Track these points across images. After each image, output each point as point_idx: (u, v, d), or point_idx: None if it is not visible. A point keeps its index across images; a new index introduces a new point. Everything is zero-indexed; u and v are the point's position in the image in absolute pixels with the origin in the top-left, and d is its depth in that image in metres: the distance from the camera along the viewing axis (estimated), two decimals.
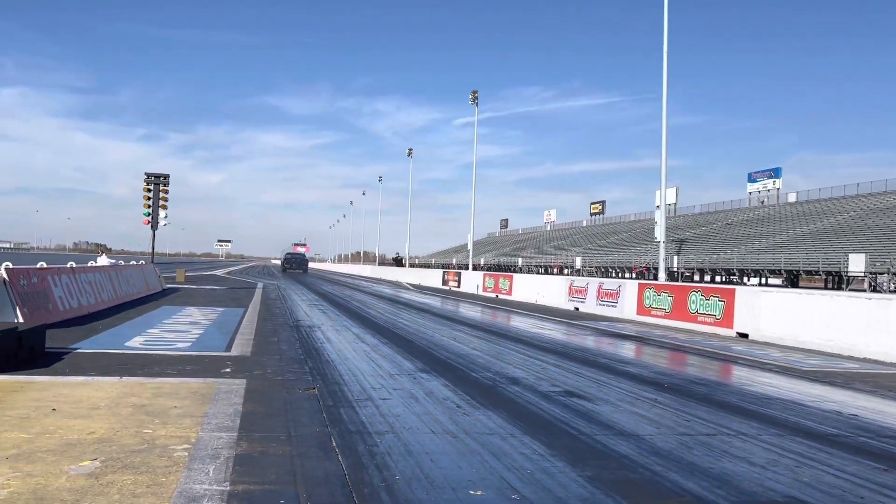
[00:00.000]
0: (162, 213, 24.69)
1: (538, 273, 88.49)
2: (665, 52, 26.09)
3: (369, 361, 9.02)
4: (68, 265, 14.14)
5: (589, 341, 13.21)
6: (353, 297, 25.69)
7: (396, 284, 44.74)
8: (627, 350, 12.23)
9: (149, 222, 24.94)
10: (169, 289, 23.90)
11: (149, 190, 24.78)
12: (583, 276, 75.02)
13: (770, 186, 77.97)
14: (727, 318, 15.69)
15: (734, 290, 15.76)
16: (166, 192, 24.92)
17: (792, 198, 75.44)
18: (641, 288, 19.34)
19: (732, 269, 54.62)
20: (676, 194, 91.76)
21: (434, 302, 24.93)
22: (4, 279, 10.27)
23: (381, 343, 11.04)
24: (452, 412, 6.12)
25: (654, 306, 18.55)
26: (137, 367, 7.62)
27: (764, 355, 11.68)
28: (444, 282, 40.21)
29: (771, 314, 14.35)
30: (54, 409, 5.48)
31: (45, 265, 12.54)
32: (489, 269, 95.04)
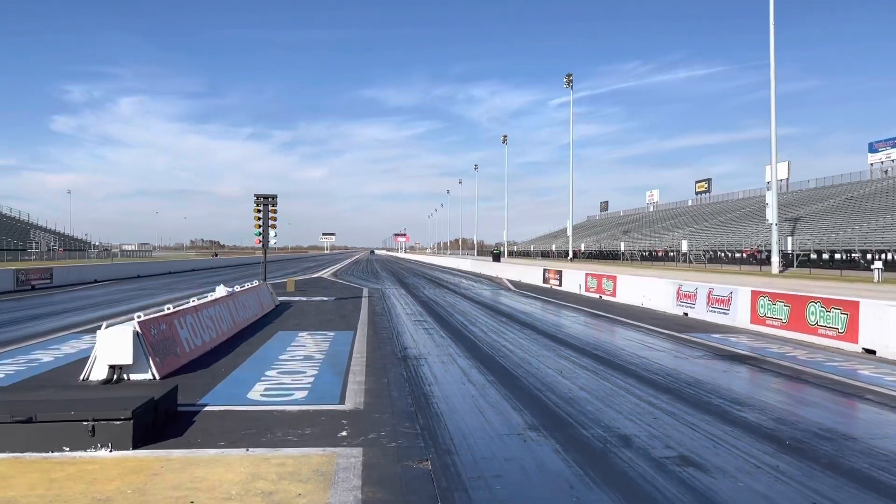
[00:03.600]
0: (272, 233, 25.82)
1: (641, 258, 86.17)
2: (771, 14, 24.67)
3: (477, 413, 9.16)
4: (191, 302, 15.04)
5: (699, 367, 12.82)
6: (455, 306, 26.00)
7: (496, 282, 44.90)
8: (742, 380, 11.80)
9: (260, 241, 26.15)
10: (281, 304, 24.98)
11: (258, 210, 25.94)
12: (690, 261, 72.53)
13: (894, 156, 72.43)
14: (851, 332, 14.83)
15: (857, 302, 14.85)
16: (275, 211, 26.03)
17: None
18: (755, 296, 18.53)
19: (853, 249, 51.30)
20: (788, 169, 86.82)
21: (535, 310, 24.88)
22: (137, 332, 11.06)
23: (487, 383, 11.17)
24: (566, 495, 6.14)
25: (768, 315, 17.75)
26: (261, 432, 8.06)
27: None
28: (545, 279, 39.96)
29: None
30: (192, 503, 5.91)
31: (171, 308, 13.39)
32: (590, 255, 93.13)
